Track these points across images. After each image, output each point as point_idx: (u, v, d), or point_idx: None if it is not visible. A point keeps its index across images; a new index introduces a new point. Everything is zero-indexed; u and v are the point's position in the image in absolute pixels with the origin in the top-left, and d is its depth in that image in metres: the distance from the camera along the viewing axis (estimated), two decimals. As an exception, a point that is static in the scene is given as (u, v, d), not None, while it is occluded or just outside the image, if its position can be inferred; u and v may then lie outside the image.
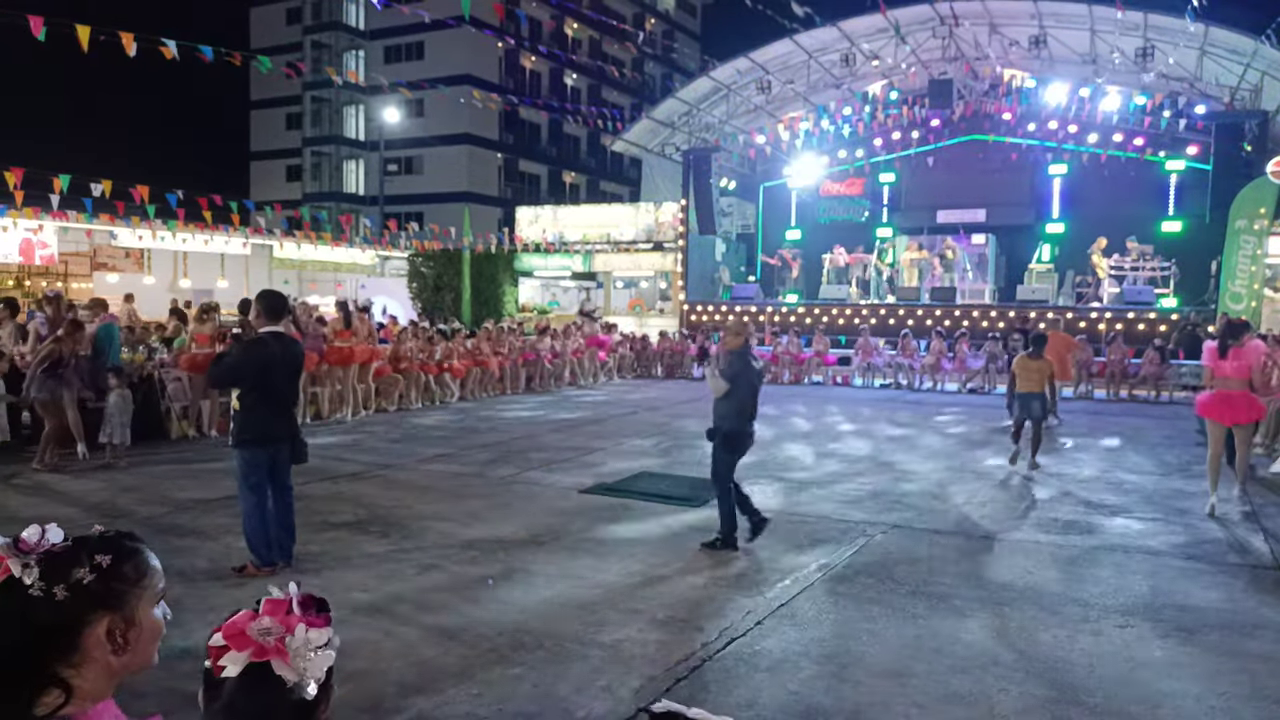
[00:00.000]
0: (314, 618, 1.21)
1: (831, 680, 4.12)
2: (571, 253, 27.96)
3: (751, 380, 6.25)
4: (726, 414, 6.26)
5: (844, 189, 26.08)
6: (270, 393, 5.63)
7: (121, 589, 1.31)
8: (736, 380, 6.20)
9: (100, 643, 1.29)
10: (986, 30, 20.58)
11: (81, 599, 1.27)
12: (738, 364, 6.24)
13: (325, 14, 46.05)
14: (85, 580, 1.28)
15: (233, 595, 5.17)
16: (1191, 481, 8.86)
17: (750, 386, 6.24)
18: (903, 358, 18.28)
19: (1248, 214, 17.77)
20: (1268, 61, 18.07)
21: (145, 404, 10.61)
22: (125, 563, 1.33)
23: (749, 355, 6.38)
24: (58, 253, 20.08)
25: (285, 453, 5.76)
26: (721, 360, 6.48)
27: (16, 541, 1.28)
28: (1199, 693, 4.04)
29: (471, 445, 10.54)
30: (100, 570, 1.30)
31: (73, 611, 1.27)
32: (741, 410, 6.24)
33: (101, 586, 1.29)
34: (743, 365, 6.25)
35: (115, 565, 1.32)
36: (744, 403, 6.24)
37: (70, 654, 1.28)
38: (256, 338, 5.85)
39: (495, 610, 4.98)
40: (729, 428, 6.24)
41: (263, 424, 5.62)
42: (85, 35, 10.37)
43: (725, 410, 6.27)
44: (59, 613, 1.26)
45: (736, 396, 6.22)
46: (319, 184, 47.02)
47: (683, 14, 58.82)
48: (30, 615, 1.25)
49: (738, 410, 6.23)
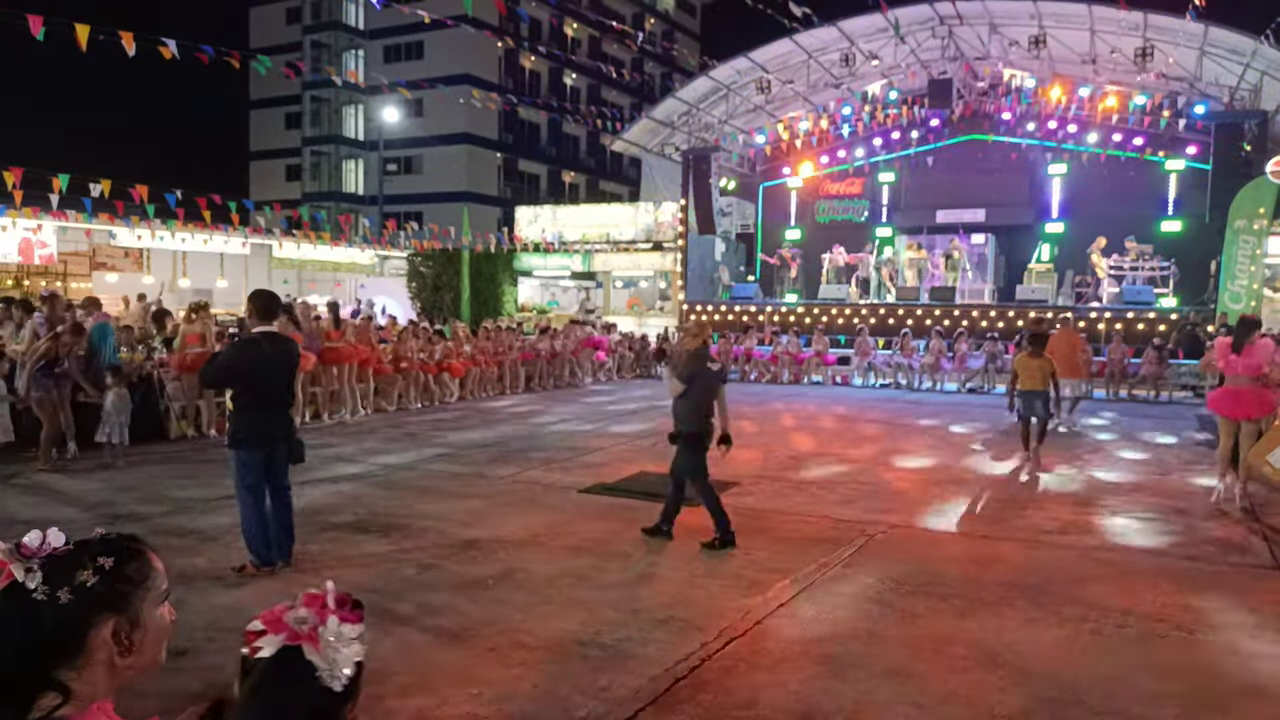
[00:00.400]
0: (348, 614, 1.26)
1: (831, 680, 4.12)
2: (571, 252, 27.96)
3: (707, 381, 6.35)
4: (685, 414, 6.38)
5: (843, 189, 26.08)
6: (264, 393, 5.60)
7: (125, 591, 1.32)
8: (692, 381, 6.32)
9: (106, 645, 1.30)
10: (986, 30, 20.57)
11: (86, 602, 1.28)
12: (693, 365, 6.35)
13: (325, 13, 46.06)
14: (89, 583, 1.29)
15: (233, 595, 5.17)
16: (1191, 481, 8.87)
17: (705, 387, 6.34)
18: (902, 357, 18.30)
19: (1247, 214, 17.78)
20: (1267, 61, 18.06)
21: (144, 403, 10.61)
22: (128, 564, 1.34)
23: (706, 356, 6.48)
24: (57, 252, 20.07)
25: (282, 453, 5.73)
26: (679, 361, 6.57)
27: (19, 546, 1.29)
28: (1198, 692, 4.04)
29: (471, 445, 10.54)
30: (103, 572, 1.30)
31: (77, 614, 1.27)
32: (698, 410, 6.35)
33: (105, 589, 1.30)
34: (699, 366, 6.36)
35: (118, 567, 1.32)
36: (700, 403, 6.36)
37: (75, 657, 1.28)
38: (248, 338, 5.85)
39: (495, 610, 4.98)
40: (689, 429, 6.34)
41: (256, 424, 5.59)
42: (84, 35, 10.37)
43: (683, 411, 6.38)
44: (63, 616, 1.26)
45: (692, 397, 6.34)
46: (318, 184, 47.02)
47: (682, 14, 58.82)
48: (34, 620, 1.25)
49: (695, 410, 6.35)
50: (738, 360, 19.82)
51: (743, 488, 8.27)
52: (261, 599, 5.10)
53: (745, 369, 19.69)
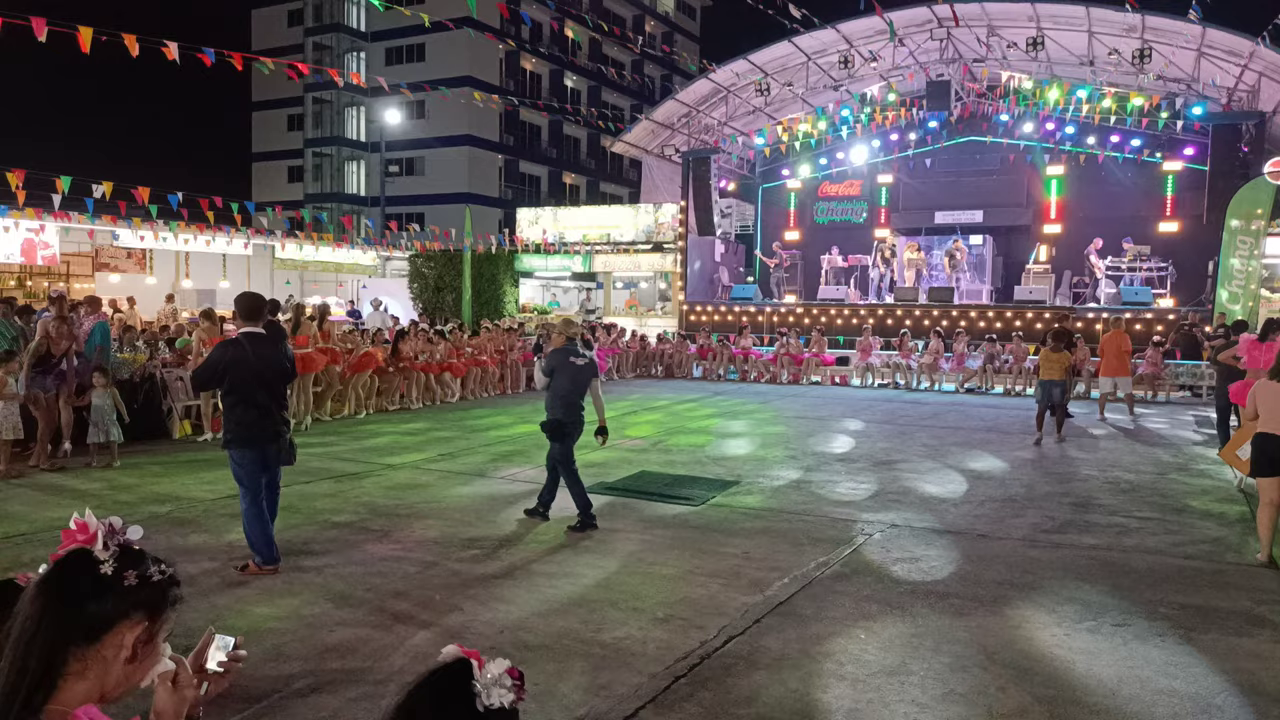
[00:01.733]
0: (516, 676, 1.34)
1: (830, 678, 4.15)
2: (571, 253, 27.99)
3: (572, 375, 6.90)
4: (551, 404, 6.98)
5: (842, 190, 26.15)
6: (247, 394, 5.63)
7: (163, 604, 1.42)
8: (555, 374, 6.92)
9: (119, 645, 1.36)
10: (984, 32, 20.62)
11: (140, 593, 1.38)
12: (555, 360, 6.97)
13: (326, 15, 46.12)
14: (153, 577, 1.40)
15: (236, 594, 5.21)
16: (1189, 481, 8.91)
17: (570, 380, 6.90)
18: (900, 357, 18.34)
19: (1244, 214, 17.81)
20: (1265, 63, 18.10)
21: (147, 403, 10.65)
22: (174, 586, 1.45)
23: (571, 353, 6.98)
24: (59, 253, 20.09)
25: (273, 452, 5.77)
26: (546, 356, 7.17)
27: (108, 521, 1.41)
28: (1197, 692, 4.07)
29: (472, 445, 10.58)
30: (164, 575, 1.42)
31: (124, 602, 1.36)
32: (564, 400, 6.89)
33: (158, 591, 1.41)
34: (561, 361, 6.92)
35: (170, 582, 1.44)
36: (565, 394, 6.90)
37: (89, 643, 1.34)
38: (232, 338, 5.92)
39: (497, 609, 5.02)
40: (553, 418, 6.90)
41: (244, 425, 5.63)
42: (87, 37, 10.41)
43: (550, 400, 6.99)
44: (112, 597, 1.35)
45: (556, 388, 6.92)
46: (320, 185, 47.07)
47: (682, 16, 58.87)
48: (89, 589, 1.34)
49: (560, 400, 6.90)
50: (736, 360, 19.87)
51: (742, 487, 8.32)
52: (264, 598, 5.14)
53: (745, 369, 19.73)
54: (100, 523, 1.40)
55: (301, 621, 4.79)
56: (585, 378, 6.96)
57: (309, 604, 5.07)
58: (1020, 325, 19.27)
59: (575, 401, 6.91)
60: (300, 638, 4.55)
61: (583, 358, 7.01)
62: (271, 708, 3.78)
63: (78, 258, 21.46)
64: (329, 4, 45.87)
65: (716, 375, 19.89)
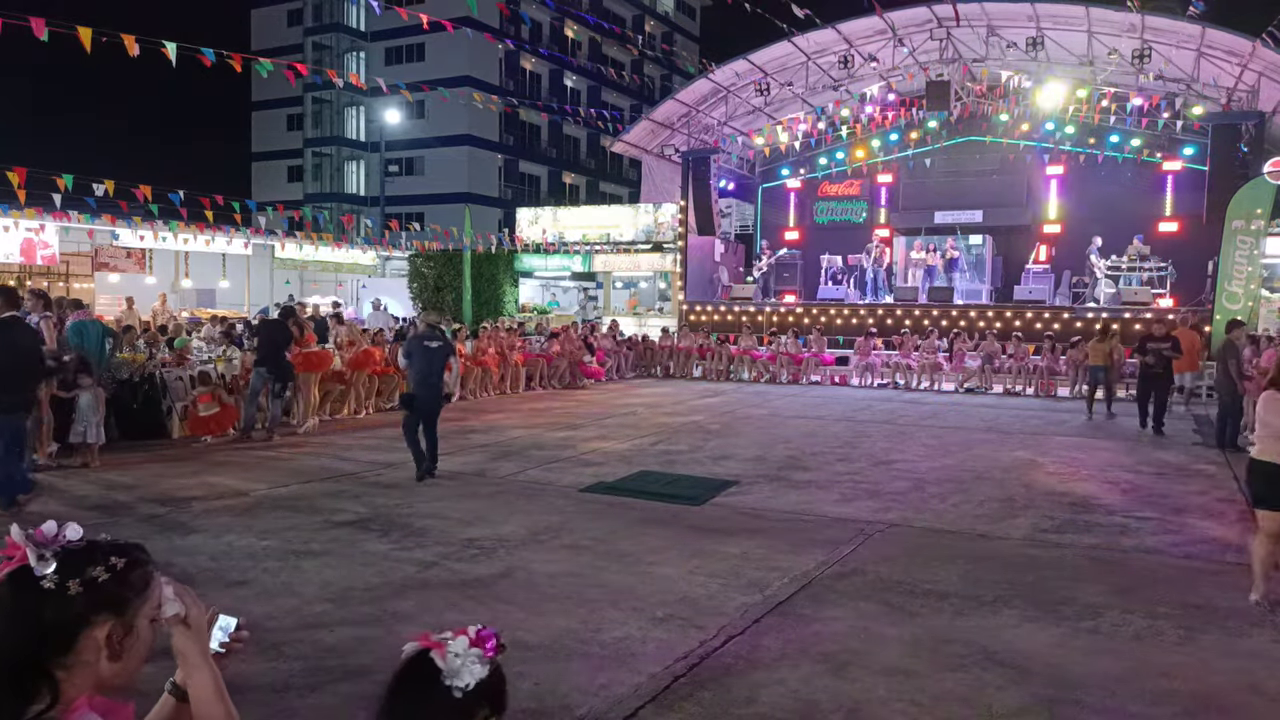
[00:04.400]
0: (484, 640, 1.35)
1: (830, 678, 4.15)
2: (571, 253, 27.99)
3: (427, 358, 8.54)
4: (409, 380, 8.92)
5: (842, 190, 26.15)
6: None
7: (128, 595, 1.34)
8: (410, 358, 8.67)
9: (97, 647, 1.30)
10: (984, 32, 20.61)
11: (92, 597, 1.29)
12: (412, 345, 8.82)
13: (326, 15, 46.11)
14: (100, 579, 1.30)
15: (234, 594, 5.21)
16: (1189, 481, 8.91)
17: (425, 362, 8.53)
18: (899, 357, 18.33)
19: (1244, 214, 17.79)
20: (1264, 63, 18.09)
21: (146, 403, 10.65)
22: (135, 570, 1.36)
23: (426, 338, 8.77)
24: (59, 252, 20.09)
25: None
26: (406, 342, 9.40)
27: (33, 533, 1.30)
28: (1196, 691, 4.07)
29: (472, 445, 10.58)
30: (114, 572, 1.32)
31: (80, 609, 1.28)
32: (418, 378, 8.59)
33: (113, 589, 1.31)
34: (415, 347, 8.71)
35: (127, 570, 1.34)
36: (420, 373, 8.55)
37: (64, 654, 1.28)
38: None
39: (496, 608, 5.02)
40: (407, 393, 8.87)
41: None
42: (87, 37, 10.40)
43: (410, 379, 8.85)
44: (67, 609, 1.27)
45: (413, 369, 8.65)
46: (320, 185, 47.07)
47: (682, 16, 58.87)
48: (37, 608, 1.26)
49: (416, 379, 8.65)
50: (735, 360, 19.86)
51: (741, 487, 8.32)
52: (264, 598, 5.14)
53: (743, 368, 19.71)
54: (27, 539, 1.29)
55: (301, 621, 4.79)
56: (439, 358, 8.57)
57: (309, 604, 5.07)
58: (1020, 325, 19.26)
59: (429, 379, 8.52)
60: (300, 638, 4.55)
61: (436, 341, 8.72)
62: (271, 708, 3.78)
63: (77, 257, 21.45)
64: (328, 4, 45.86)
65: (716, 375, 19.89)
